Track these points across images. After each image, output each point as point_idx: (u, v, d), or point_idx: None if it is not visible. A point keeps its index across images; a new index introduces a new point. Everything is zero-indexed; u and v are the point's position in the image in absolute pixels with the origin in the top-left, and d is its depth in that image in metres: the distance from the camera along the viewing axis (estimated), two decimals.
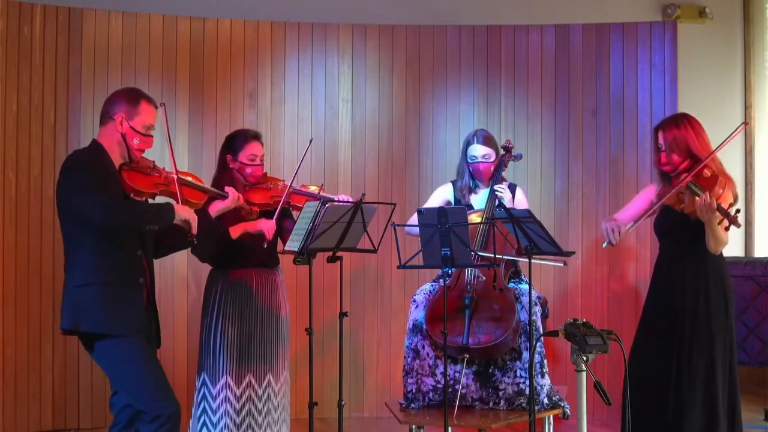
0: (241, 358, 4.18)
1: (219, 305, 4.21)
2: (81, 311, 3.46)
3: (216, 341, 4.19)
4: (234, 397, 4.17)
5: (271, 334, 4.26)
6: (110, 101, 3.62)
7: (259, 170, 4.26)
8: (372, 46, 6.07)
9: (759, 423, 5.63)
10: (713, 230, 3.81)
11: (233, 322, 4.19)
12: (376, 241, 3.98)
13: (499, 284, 4.49)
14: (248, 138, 4.28)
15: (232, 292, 4.21)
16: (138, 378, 3.49)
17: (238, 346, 4.19)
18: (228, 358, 4.17)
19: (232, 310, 4.20)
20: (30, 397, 5.42)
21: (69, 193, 3.45)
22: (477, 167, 4.71)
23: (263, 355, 4.23)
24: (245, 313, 4.21)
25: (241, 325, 4.20)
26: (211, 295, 4.25)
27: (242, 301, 4.21)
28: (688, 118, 4.04)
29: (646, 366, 3.98)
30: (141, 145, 3.60)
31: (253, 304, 4.22)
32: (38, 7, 5.53)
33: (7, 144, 5.39)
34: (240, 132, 4.38)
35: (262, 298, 4.25)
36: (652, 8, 6.67)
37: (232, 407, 4.15)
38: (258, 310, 4.23)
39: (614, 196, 5.84)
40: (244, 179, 4.24)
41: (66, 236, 3.54)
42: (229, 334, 4.18)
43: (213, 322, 4.20)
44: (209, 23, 5.90)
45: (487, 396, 4.42)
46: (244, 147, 4.24)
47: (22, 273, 5.41)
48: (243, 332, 4.20)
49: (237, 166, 4.25)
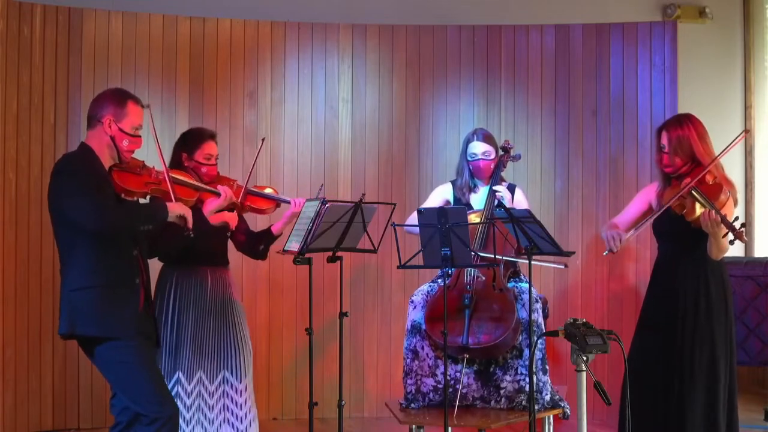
0: (194, 355, 4.17)
1: (170, 303, 4.19)
2: (78, 315, 3.45)
3: (172, 338, 4.17)
4: (185, 393, 4.16)
5: (225, 332, 4.25)
6: (97, 104, 3.58)
7: (213, 170, 4.27)
8: (372, 46, 6.08)
9: (759, 423, 5.63)
10: (718, 242, 3.81)
11: (185, 319, 4.18)
12: (376, 241, 3.98)
13: (498, 284, 4.49)
14: (205, 137, 4.27)
15: (184, 289, 4.21)
16: (136, 381, 3.48)
17: (192, 343, 4.17)
18: (182, 355, 4.16)
19: (183, 307, 4.19)
20: (30, 397, 5.42)
21: (61, 198, 3.44)
22: (477, 164, 4.71)
23: (217, 353, 4.22)
24: (198, 311, 4.20)
25: (190, 323, 4.18)
26: (165, 292, 4.22)
27: (194, 299, 4.21)
28: (692, 120, 4.02)
29: (646, 366, 3.98)
30: (130, 146, 3.58)
31: (205, 302, 4.22)
32: (38, 7, 5.53)
33: (7, 144, 5.39)
34: (197, 130, 4.38)
35: (215, 296, 4.24)
36: (652, 8, 6.67)
37: (181, 403, 4.13)
38: (210, 308, 4.23)
39: (614, 196, 5.84)
40: (199, 178, 4.22)
41: (59, 240, 3.53)
42: (180, 331, 4.17)
43: (166, 320, 4.17)
44: (209, 23, 5.90)
45: (488, 394, 4.42)
46: (201, 146, 4.24)
47: (22, 273, 5.41)
48: (197, 328, 4.19)
49: (192, 164, 4.23)
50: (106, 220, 3.39)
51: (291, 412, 5.91)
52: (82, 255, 3.45)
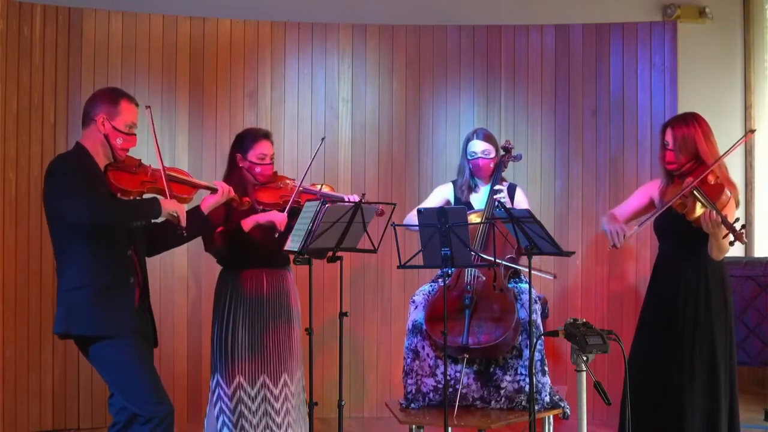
0: (254, 359, 4.16)
1: (230, 306, 4.19)
2: (73, 315, 3.46)
3: (228, 342, 4.16)
4: (248, 398, 4.15)
5: (284, 334, 4.24)
6: (90, 102, 3.58)
7: (268, 169, 4.24)
8: (372, 46, 6.08)
9: (759, 423, 5.63)
10: (718, 243, 3.79)
11: (245, 322, 4.17)
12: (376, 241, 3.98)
13: (498, 284, 4.49)
14: (258, 137, 4.25)
15: (243, 292, 4.19)
16: (132, 380, 3.48)
17: (251, 347, 4.16)
18: (240, 358, 4.15)
19: (243, 310, 4.18)
20: (30, 397, 5.42)
21: (54, 198, 3.44)
22: (477, 163, 4.71)
23: (277, 355, 4.21)
24: (256, 314, 4.18)
25: (253, 326, 4.17)
26: (222, 296, 4.22)
27: (254, 301, 4.19)
28: (698, 119, 4.02)
29: (646, 366, 3.98)
30: (124, 144, 3.57)
31: (264, 305, 4.20)
32: (38, 7, 5.53)
33: (7, 144, 5.39)
34: (250, 130, 4.35)
35: (274, 299, 4.23)
36: (652, 8, 6.67)
37: (247, 408, 4.14)
38: (270, 310, 4.21)
39: (614, 196, 5.83)
40: (254, 178, 4.22)
41: (55, 241, 3.53)
42: (241, 334, 4.16)
43: (225, 323, 4.18)
44: (209, 23, 5.90)
45: (488, 395, 4.42)
46: (254, 146, 4.22)
47: (22, 273, 5.41)
48: (255, 333, 4.17)
49: (246, 165, 4.22)
50: (98, 213, 3.37)
51: None
52: (76, 255, 3.46)
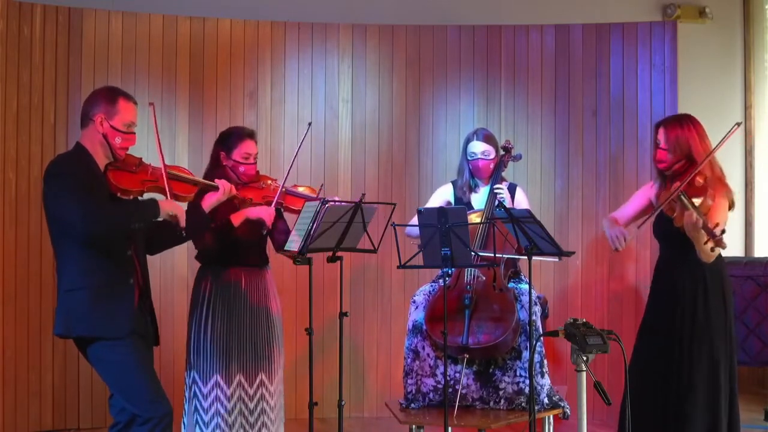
0: (230, 358, 4.15)
1: (208, 303, 4.18)
2: (72, 316, 3.46)
3: (206, 340, 4.16)
4: (225, 397, 4.15)
5: (263, 333, 4.22)
6: (88, 102, 3.58)
7: (252, 169, 4.22)
8: (372, 46, 6.08)
9: (759, 423, 5.63)
10: (700, 247, 3.75)
11: (223, 320, 4.16)
12: (376, 241, 3.98)
13: (499, 284, 4.49)
14: (243, 136, 4.22)
15: (221, 290, 4.18)
16: (130, 380, 3.48)
17: (227, 346, 4.15)
18: (218, 357, 4.14)
19: (221, 308, 4.17)
20: (30, 397, 5.42)
21: (52, 201, 3.44)
22: (476, 164, 4.71)
23: (254, 354, 4.19)
24: (234, 312, 4.17)
25: (230, 324, 4.16)
26: (199, 294, 4.21)
27: (232, 299, 4.18)
28: (692, 121, 4.02)
29: (646, 367, 3.98)
30: (123, 143, 3.56)
31: (242, 303, 4.19)
32: (38, 7, 5.53)
33: (7, 144, 5.39)
34: (235, 129, 4.32)
35: (252, 297, 4.21)
36: (652, 8, 6.67)
37: (223, 407, 4.13)
38: (248, 309, 4.20)
39: (614, 196, 5.83)
40: (237, 177, 4.19)
41: (54, 242, 3.53)
42: (219, 332, 4.15)
43: (202, 321, 4.17)
44: (209, 23, 5.90)
45: (487, 395, 4.42)
46: (239, 145, 4.19)
47: (22, 273, 5.41)
48: (232, 331, 4.16)
49: (230, 163, 4.20)
50: (95, 224, 3.36)
51: (291, 412, 5.89)
52: (75, 256, 3.46)
